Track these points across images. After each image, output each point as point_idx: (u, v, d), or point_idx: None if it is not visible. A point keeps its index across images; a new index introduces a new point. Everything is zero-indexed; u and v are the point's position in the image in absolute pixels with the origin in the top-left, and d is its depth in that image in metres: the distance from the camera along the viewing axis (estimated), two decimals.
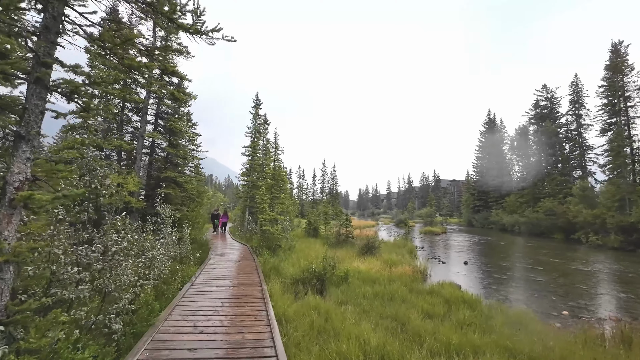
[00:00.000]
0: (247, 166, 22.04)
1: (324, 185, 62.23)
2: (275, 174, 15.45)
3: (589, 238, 28.26)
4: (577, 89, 46.77)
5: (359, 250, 14.82)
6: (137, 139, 12.24)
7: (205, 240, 14.90)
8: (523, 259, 19.13)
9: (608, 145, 38.60)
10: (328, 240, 19.55)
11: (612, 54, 38.84)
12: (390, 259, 13.56)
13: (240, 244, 16.67)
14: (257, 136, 21.81)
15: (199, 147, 17.87)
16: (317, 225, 22.26)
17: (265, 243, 13.10)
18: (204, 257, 12.00)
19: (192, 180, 14.68)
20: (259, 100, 22.51)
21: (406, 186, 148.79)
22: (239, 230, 20.67)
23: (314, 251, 14.98)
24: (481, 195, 67.57)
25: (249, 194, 21.29)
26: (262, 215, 13.30)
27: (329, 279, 9.51)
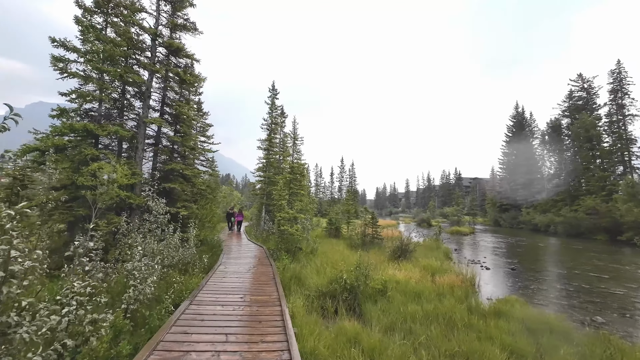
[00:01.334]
0: (263, 161, 20.43)
1: (342, 183, 60.27)
2: (294, 167, 13.73)
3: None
4: (620, 76, 42.74)
5: (391, 254, 12.87)
6: (138, 127, 10.75)
7: (217, 242, 13.34)
8: (577, 264, 16.60)
9: None
10: (352, 242, 17.67)
11: None
12: (429, 265, 11.55)
13: (255, 245, 15.07)
14: (273, 129, 20.16)
15: (210, 138, 16.38)
16: (339, 225, 20.42)
17: (284, 245, 11.40)
18: (213, 262, 10.39)
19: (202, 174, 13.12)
20: (276, 89, 20.85)
21: (425, 184, 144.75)
22: (254, 230, 19.14)
23: (338, 254, 13.16)
24: (509, 193, 63.76)
25: (265, 191, 19.67)
26: (280, 214, 11.62)
27: (363, 292, 7.65)
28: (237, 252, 12.66)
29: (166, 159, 11.54)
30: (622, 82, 42.52)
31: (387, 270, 10.74)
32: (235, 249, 13.50)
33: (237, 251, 13.01)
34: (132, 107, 11.21)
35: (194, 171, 11.16)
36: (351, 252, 14.40)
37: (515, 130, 66.85)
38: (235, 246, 14.54)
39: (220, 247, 13.42)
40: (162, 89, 12.04)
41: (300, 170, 13.74)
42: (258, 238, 17.54)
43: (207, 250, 12.10)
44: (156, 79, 11.64)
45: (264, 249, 13.31)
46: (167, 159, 11.50)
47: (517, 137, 65.98)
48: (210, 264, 9.77)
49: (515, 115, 68.51)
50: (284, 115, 25.18)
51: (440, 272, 11.04)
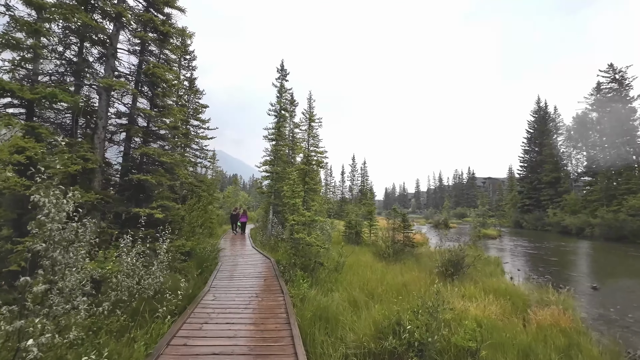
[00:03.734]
0: (270, 153, 17.38)
1: (354, 182, 57.04)
2: (309, 157, 10.64)
3: None
4: None
5: (441, 271, 9.63)
6: (100, 97, 7.74)
7: (211, 253, 10.29)
8: None
9: None
10: (378, 250, 14.47)
11: None
12: (498, 288, 8.31)
13: (261, 255, 11.99)
14: (282, 115, 17.09)
15: (206, 123, 13.36)
16: (359, 229, 17.27)
17: (299, 259, 8.28)
18: (202, 284, 7.34)
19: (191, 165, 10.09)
20: (285, 69, 17.81)
21: (437, 184, 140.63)
22: (260, 234, 16.11)
23: (369, 270, 10.01)
24: (532, 192, 59.71)
25: (273, 189, 16.59)
26: (293, 217, 8.55)
27: (441, 351, 4.50)
28: (236, 268, 9.58)
29: (140, 142, 8.51)
30: None
31: (447, 296, 7.53)
32: (234, 262, 10.43)
33: (236, 265, 9.94)
34: (93, 72, 8.20)
35: (174, 158, 8.10)
36: (384, 266, 11.23)
37: (538, 125, 62.81)
38: (236, 258, 11.48)
39: (215, 259, 10.37)
40: (140, 52, 9.01)
41: (319, 161, 10.68)
42: (264, 245, 14.45)
43: (196, 265, 9.06)
44: (129, 34, 8.62)
45: (271, 262, 10.21)
46: (142, 142, 8.46)
47: (539, 133, 61.92)
48: (193, 292, 6.70)
49: (537, 110, 64.50)
50: (294, 104, 22.12)
51: (519, 298, 7.82)
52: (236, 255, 11.99)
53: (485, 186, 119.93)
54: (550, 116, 62.24)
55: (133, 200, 8.16)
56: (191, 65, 12.81)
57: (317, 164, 10.60)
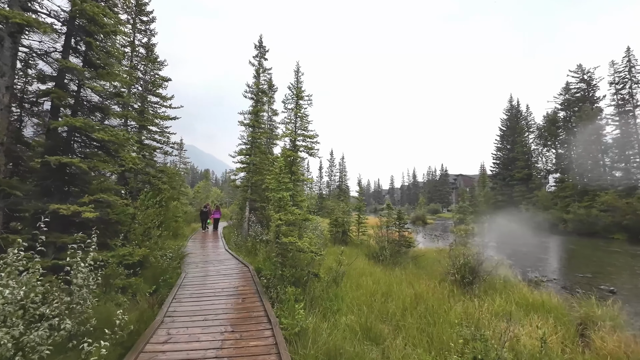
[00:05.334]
0: (246, 141, 15.18)
1: (332, 178, 55.46)
2: (295, 141, 8.67)
3: None
4: (630, 64, 40.07)
5: (457, 279, 8.03)
6: (1, 42, 5.32)
7: (172, 261, 8.07)
8: None
9: None
10: (370, 251, 12.80)
11: None
12: (534, 300, 6.82)
13: (236, 260, 9.89)
14: (260, 98, 14.93)
15: (167, 100, 10.95)
16: (347, 227, 15.53)
17: (289, 271, 6.33)
18: (149, 316, 5.22)
19: (134, 142, 7.80)
20: (264, 47, 15.61)
21: (411, 181, 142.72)
22: (235, 235, 13.93)
23: (369, 278, 8.25)
24: (504, 189, 61.09)
25: (249, 182, 14.44)
26: (280, 215, 6.56)
27: None
28: (205, 281, 7.45)
29: (68, 113, 6.12)
30: (631, 70, 39.82)
31: (477, 316, 5.91)
32: (204, 273, 8.28)
33: (205, 277, 7.80)
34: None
35: (115, 135, 5.78)
36: (383, 271, 9.52)
37: (510, 123, 64.27)
38: (205, 265, 9.30)
39: (178, 269, 8.17)
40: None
41: (308, 147, 8.73)
42: (240, 248, 12.31)
43: (150, 279, 6.87)
44: None
45: (250, 271, 8.18)
46: (71, 114, 6.09)
47: (512, 130, 63.42)
48: (139, 325, 4.58)
49: (510, 109, 65.98)
50: (273, 88, 19.92)
51: (559, 313, 6.36)
52: (206, 262, 9.81)
53: (457, 183, 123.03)
54: (522, 114, 63.86)
55: (57, 193, 5.83)
56: (149, 29, 10.33)
57: (307, 150, 8.69)
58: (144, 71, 10.28)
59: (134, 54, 10.13)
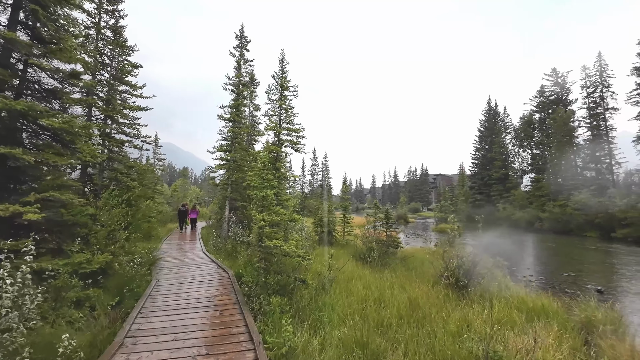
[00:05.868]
0: (226, 137, 14.31)
1: (315, 176, 54.85)
2: (280, 135, 7.98)
3: None
4: (601, 69, 41.72)
5: (451, 282, 7.58)
6: None
7: (140, 267, 7.20)
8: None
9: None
10: (357, 252, 12.29)
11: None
12: (534, 305, 6.46)
13: (215, 264, 9.10)
14: (241, 91, 14.08)
15: (138, 89, 9.94)
16: (332, 227, 14.97)
17: (274, 279, 5.66)
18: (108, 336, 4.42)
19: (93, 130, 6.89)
20: (246, 37, 14.75)
21: (392, 180, 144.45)
22: (214, 236, 13.05)
23: (359, 282, 7.70)
24: (483, 188, 62.60)
25: (229, 179, 13.58)
26: (264, 215, 5.88)
27: None
28: (179, 290, 6.64)
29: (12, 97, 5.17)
30: (603, 75, 41.49)
31: (477, 325, 5.46)
32: (177, 280, 7.45)
33: (179, 285, 6.98)
34: None
35: (70, 123, 4.86)
36: (371, 273, 9.00)
37: (488, 125, 65.87)
38: (180, 271, 8.46)
39: (148, 276, 7.31)
40: None
41: (294, 142, 8.04)
42: (219, 250, 11.49)
43: (114, 289, 6.01)
44: None
45: (229, 277, 7.43)
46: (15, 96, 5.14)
47: (490, 131, 65.03)
48: (91, 353, 3.79)
49: (488, 110, 67.59)
50: (255, 82, 19.08)
51: (561, 318, 6.04)
52: (181, 267, 8.95)
53: (436, 182, 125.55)
54: (500, 116, 65.59)
55: None
56: (117, 10, 9.28)
57: (292, 145, 8.01)
58: (111, 56, 9.26)
59: (99, 37, 9.10)
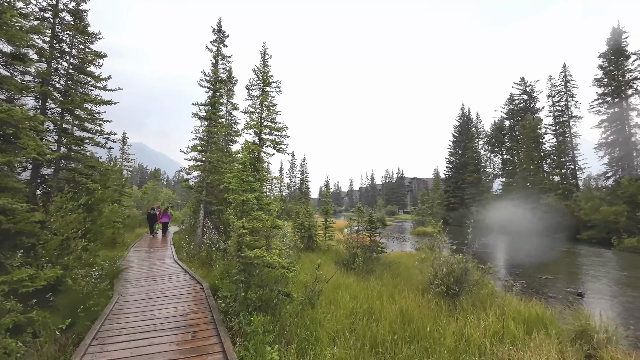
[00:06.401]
0: (201, 136, 13.43)
1: (293, 179, 54.08)
2: (261, 134, 7.35)
3: (622, 241, 23.81)
4: (566, 79, 44.08)
5: (442, 290, 7.22)
6: None
7: (100, 280, 6.30)
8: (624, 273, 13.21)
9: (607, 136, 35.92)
10: (340, 258, 11.80)
11: (612, 38, 36.15)
12: (532, 317, 6.21)
13: (187, 275, 8.29)
14: (218, 88, 13.28)
15: (102, 80, 8.96)
16: (313, 232, 14.42)
17: (255, 293, 5.04)
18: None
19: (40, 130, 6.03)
20: (223, 32, 13.97)
21: (369, 183, 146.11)
22: (187, 242, 12.12)
23: (345, 291, 7.20)
24: (457, 192, 64.40)
25: (204, 182, 12.72)
26: (244, 222, 5.24)
27: None
28: (144, 307, 5.82)
29: None
30: (567, 85, 43.82)
31: (475, 338, 5.11)
32: (144, 294, 6.61)
33: (143, 302, 6.15)
34: None
35: (11, 112, 4.00)
36: (357, 281, 8.54)
37: (462, 130, 68.03)
38: (147, 283, 7.59)
39: (108, 291, 6.42)
40: None
41: (276, 142, 7.43)
42: (193, 258, 10.63)
43: (67, 309, 5.15)
44: None
45: (203, 290, 6.69)
46: None
47: (463, 136, 67.15)
48: None
49: (462, 116, 69.82)
50: (233, 80, 18.27)
51: (558, 328, 5.83)
52: (149, 278, 8.06)
53: (412, 186, 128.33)
54: (473, 122, 67.90)
55: None
56: None
57: (274, 145, 7.40)
58: (71, 43, 8.26)
59: (56, 21, 8.09)
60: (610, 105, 36.17)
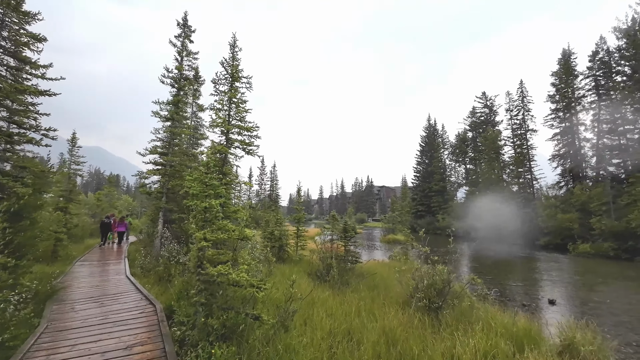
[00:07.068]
0: (162, 137, 12.24)
1: (262, 187, 52.66)
2: (229, 134, 6.56)
3: (577, 246, 25.23)
4: (522, 95, 47.02)
5: (424, 305, 6.73)
6: None
7: (24, 307, 5.11)
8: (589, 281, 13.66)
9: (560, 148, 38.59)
10: (313, 269, 11.09)
11: (562, 59, 39.16)
12: (519, 332, 5.87)
13: (139, 294, 7.17)
14: (183, 86, 12.24)
15: (40, 67, 7.70)
16: (284, 242, 13.57)
17: (219, 318, 4.22)
18: None
19: None
20: (190, 26, 12.98)
21: (339, 191, 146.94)
22: (142, 254, 10.82)
23: (321, 309, 6.51)
24: (424, 200, 66.17)
25: (165, 187, 11.53)
26: (206, 233, 4.43)
27: None
28: (77, 338, 4.75)
29: None
30: (524, 100, 46.75)
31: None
32: (79, 321, 5.47)
33: (78, 331, 5.06)
34: None
35: None
36: (333, 296, 7.88)
37: (429, 140, 70.38)
38: (87, 305, 6.42)
39: (31, 317, 5.24)
40: None
41: (246, 142, 6.64)
42: (148, 273, 9.43)
43: None
44: None
45: (156, 314, 5.71)
46: None
47: (430, 147, 69.47)
48: None
49: (428, 127, 72.28)
50: (200, 80, 17.19)
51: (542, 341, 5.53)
52: (91, 298, 6.86)
53: (380, 194, 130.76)
54: (439, 133, 70.63)
55: None
56: None
57: (244, 146, 6.62)
58: (1, 22, 6.97)
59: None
60: (561, 120, 38.93)
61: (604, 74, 34.83)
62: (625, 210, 23.74)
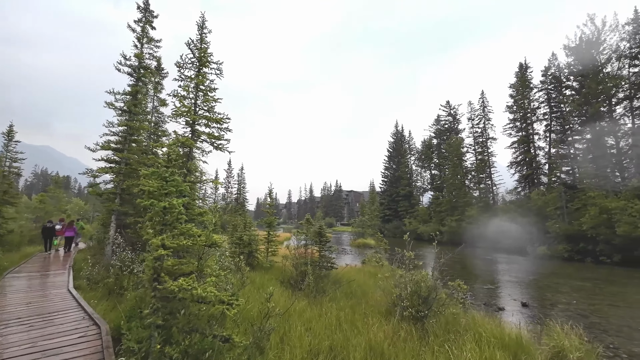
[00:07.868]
0: (116, 131, 10.92)
1: (229, 190, 50.68)
2: (193, 123, 5.71)
3: (535, 248, 26.63)
4: (483, 105, 49.55)
5: (410, 314, 6.28)
6: None
7: None
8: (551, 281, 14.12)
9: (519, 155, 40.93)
10: (286, 277, 10.34)
11: (519, 72, 41.72)
12: (506, 340, 5.59)
13: (82, 312, 6.04)
14: (142, 75, 11.03)
15: None
16: (254, 248, 12.66)
17: (178, 341, 3.41)
18: None
19: None
20: (152, 11, 11.79)
21: (308, 196, 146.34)
22: (91, 263, 9.44)
23: (299, 323, 5.83)
24: (391, 204, 67.43)
25: (118, 188, 10.23)
26: (165, 238, 3.65)
27: None
28: None
29: None
30: (485, 110, 49.30)
31: None
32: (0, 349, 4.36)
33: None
34: None
35: None
36: (310, 305, 7.23)
37: (396, 146, 72.07)
38: (11, 329, 5.22)
39: None
40: None
41: (214, 136, 5.84)
42: (96, 285, 8.17)
43: None
44: None
45: (101, 338, 4.71)
46: None
47: (397, 152, 71.15)
48: None
49: (396, 133, 74.05)
50: (162, 72, 15.89)
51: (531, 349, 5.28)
52: (18, 320, 5.63)
53: (348, 198, 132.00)
54: (406, 139, 72.66)
55: None
56: None
57: (213, 140, 5.81)
58: None
59: None
60: (518, 129, 41.41)
61: (555, 87, 37.58)
62: (577, 214, 25.44)
